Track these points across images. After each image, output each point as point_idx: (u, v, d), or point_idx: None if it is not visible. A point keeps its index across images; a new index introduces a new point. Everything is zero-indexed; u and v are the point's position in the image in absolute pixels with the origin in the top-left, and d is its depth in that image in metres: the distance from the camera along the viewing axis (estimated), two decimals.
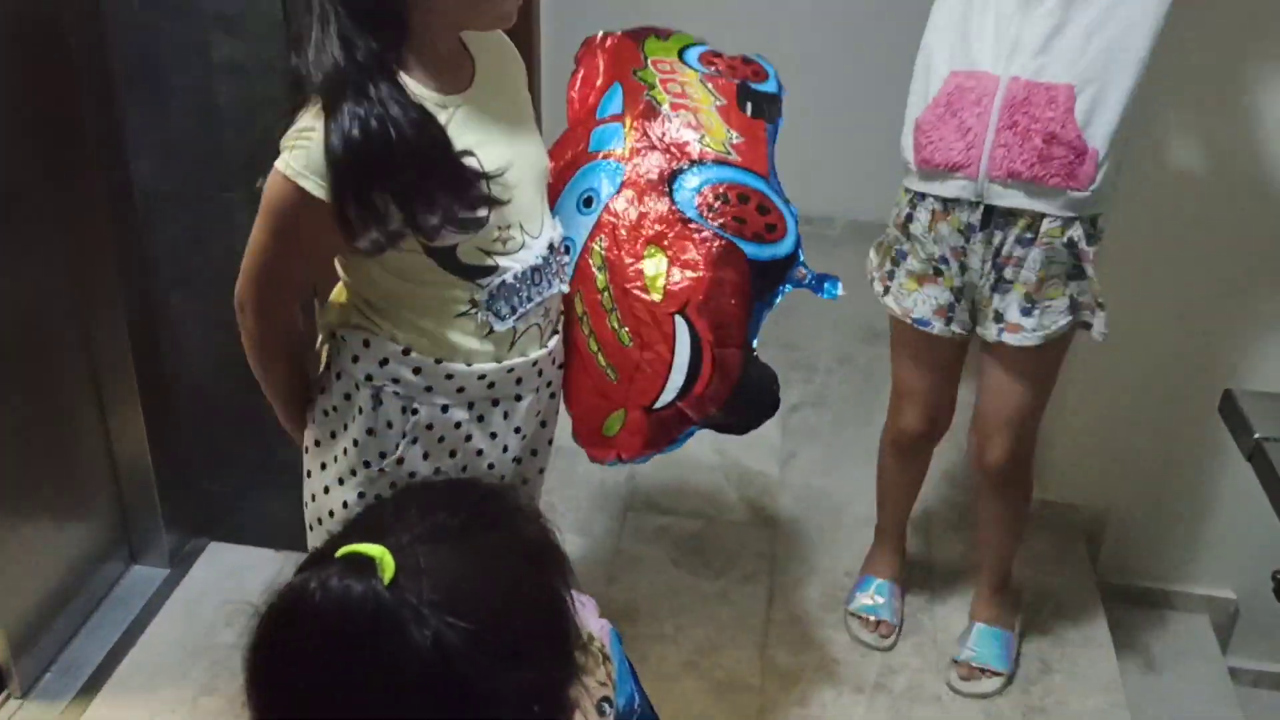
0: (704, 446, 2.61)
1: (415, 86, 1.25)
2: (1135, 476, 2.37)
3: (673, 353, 1.33)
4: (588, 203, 1.42)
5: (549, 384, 1.45)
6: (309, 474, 1.46)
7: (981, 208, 1.71)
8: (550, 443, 1.54)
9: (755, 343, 1.40)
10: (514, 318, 1.34)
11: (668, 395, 1.35)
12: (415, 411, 1.35)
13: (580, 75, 1.59)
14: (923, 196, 1.77)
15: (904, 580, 2.21)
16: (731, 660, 2.07)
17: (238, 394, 2.15)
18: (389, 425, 1.36)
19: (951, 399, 2.00)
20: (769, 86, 1.55)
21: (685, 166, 1.40)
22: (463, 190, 1.24)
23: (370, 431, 1.37)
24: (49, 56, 1.86)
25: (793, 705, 2.01)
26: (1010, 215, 1.71)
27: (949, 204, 1.74)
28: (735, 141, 1.42)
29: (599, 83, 1.54)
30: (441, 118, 1.26)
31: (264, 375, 1.44)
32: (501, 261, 1.31)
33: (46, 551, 2.06)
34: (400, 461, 1.37)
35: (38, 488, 2.02)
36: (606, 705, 1.00)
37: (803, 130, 3.16)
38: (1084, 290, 1.76)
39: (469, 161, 1.25)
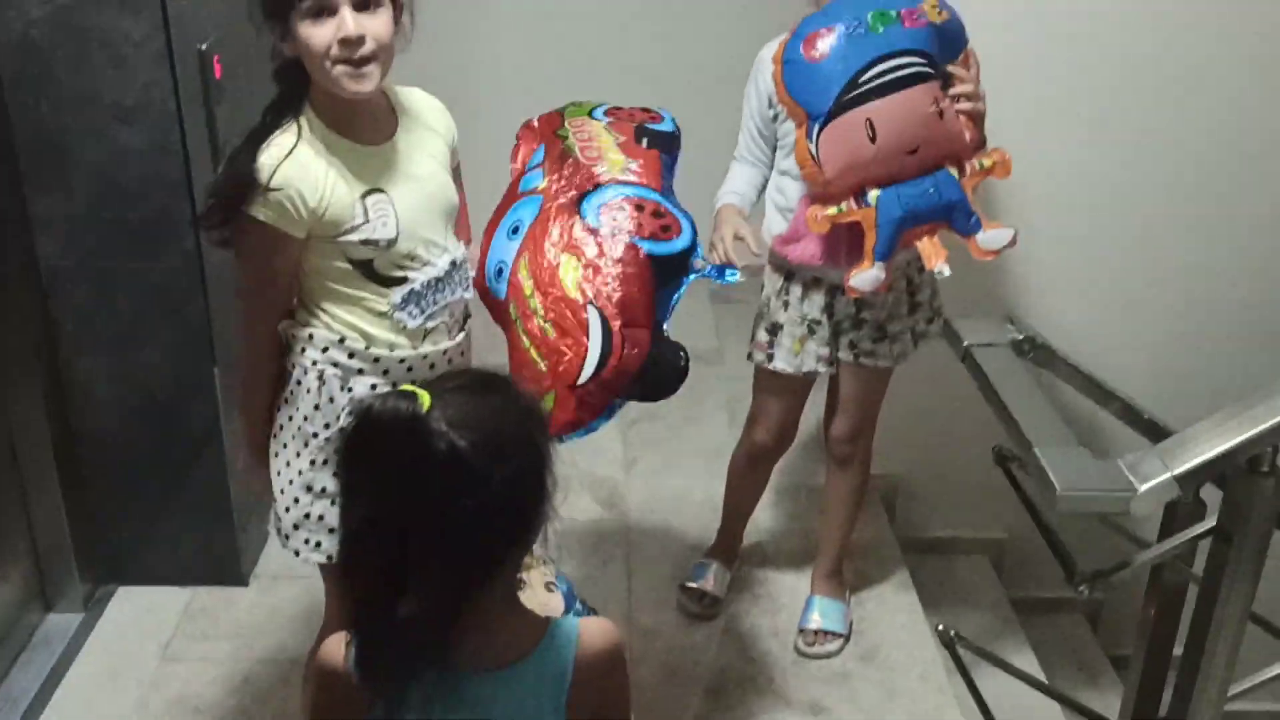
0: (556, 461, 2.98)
1: (336, 138, 1.63)
2: (918, 451, 2.88)
3: (588, 338, 1.64)
4: (514, 230, 1.78)
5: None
6: (274, 454, 1.78)
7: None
8: None
9: (666, 325, 1.71)
10: (423, 317, 1.70)
11: (586, 373, 1.63)
12: (351, 389, 1.69)
13: (519, 148, 1.98)
14: (793, 274, 2.22)
15: (736, 567, 2.61)
16: None
17: (144, 441, 2.43)
18: (331, 400, 1.70)
19: (799, 417, 2.42)
20: (664, 126, 1.91)
21: (591, 190, 1.74)
22: None
23: (316, 407, 1.70)
24: None
25: (659, 655, 2.38)
26: None
27: (818, 278, 2.19)
28: (633, 166, 1.77)
29: (533, 147, 1.93)
30: (356, 161, 1.63)
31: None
32: (410, 274, 1.68)
33: None
34: (342, 430, 1.70)
35: None
36: (552, 586, 1.38)
37: None
38: (921, 316, 2.23)
39: (372, 199, 1.64)
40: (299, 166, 1.58)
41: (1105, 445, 2.07)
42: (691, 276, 1.72)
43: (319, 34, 1.53)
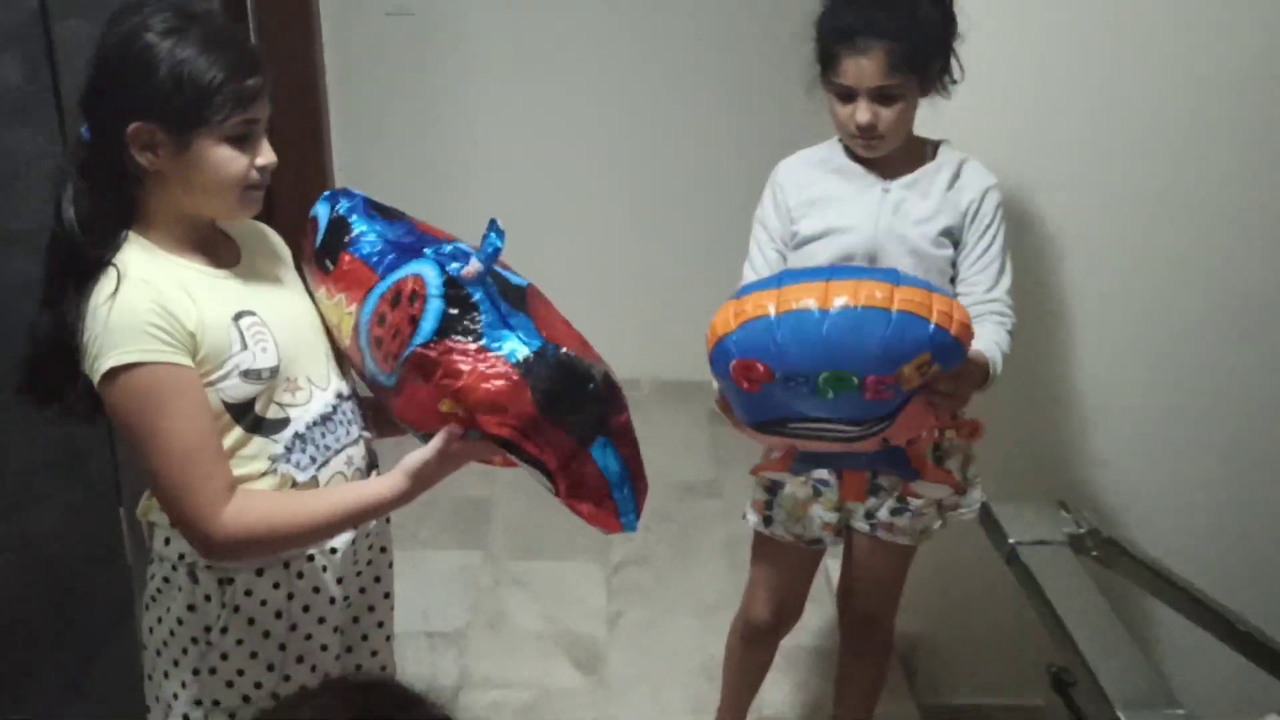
0: (531, 615, 2.64)
1: (187, 261, 1.35)
2: (942, 603, 2.52)
3: None
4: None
5: (366, 535, 1.48)
6: (146, 653, 1.46)
7: None
8: (388, 598, 1.56)
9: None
10: (314, 467, 1.38)
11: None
12: (231, 581, 1.38)
13: None
14: None
15: None
16: None
17: (39, 619, 2.10)
18: (207, 599, 1.38)
19: (805, 592, 2.08)
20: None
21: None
22: None
23: (191, 608, 1.39)
24: None
25: None
26: None
27: None
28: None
29: None
30: (211, 285, 1.35)
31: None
32: (292, 413, 1.37)
33: None
34: (225, 631, 1.38)
35: None
36: None
37: (609, 298, 3.35)
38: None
39: (246, 322, 1.34)
40: (151, 289, 1.29)
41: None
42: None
43: (238, 159, 1.32)
